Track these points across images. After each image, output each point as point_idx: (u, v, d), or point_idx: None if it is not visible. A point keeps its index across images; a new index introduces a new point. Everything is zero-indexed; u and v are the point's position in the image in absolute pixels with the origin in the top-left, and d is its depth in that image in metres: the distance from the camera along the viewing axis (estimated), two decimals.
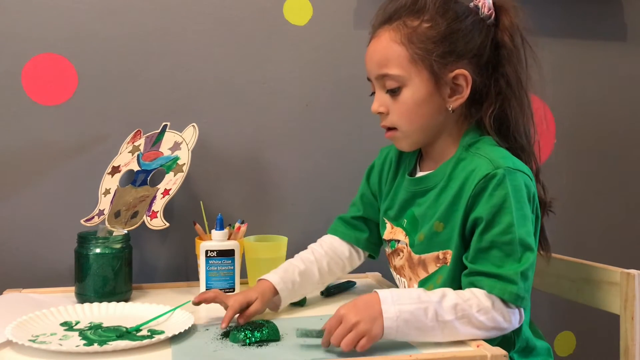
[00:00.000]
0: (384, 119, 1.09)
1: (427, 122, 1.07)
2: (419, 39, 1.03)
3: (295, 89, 1.51)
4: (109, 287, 1.19)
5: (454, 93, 1.05)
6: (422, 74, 1.04)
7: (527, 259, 0.97)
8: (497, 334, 0.98)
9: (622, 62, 1.70)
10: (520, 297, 0.96)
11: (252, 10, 1.48)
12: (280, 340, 0.98)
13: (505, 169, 0.99)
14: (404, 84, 1.04)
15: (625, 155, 1.72)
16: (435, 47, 1.03)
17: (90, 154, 1.41)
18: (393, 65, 1.04)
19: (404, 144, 1.11)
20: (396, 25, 1.05)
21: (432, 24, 1.03)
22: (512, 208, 0.97)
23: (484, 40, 1.06)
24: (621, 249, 1.71)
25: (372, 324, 0.91)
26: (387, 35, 1.06)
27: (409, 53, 1.03)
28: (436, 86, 1.04)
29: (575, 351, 1.71)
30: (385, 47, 1.05)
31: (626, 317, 1.09)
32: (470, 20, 1.05)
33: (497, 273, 0.97)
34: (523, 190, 0.99)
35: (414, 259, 1.10)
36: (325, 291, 1.26)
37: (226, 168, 1.48)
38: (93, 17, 1.40)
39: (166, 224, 1.20)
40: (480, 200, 0.99)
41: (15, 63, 1.37)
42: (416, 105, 1.05)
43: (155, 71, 1.44)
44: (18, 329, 0.97)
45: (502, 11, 1.08)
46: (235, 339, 0.96)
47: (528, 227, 0.99)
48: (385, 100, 1.07)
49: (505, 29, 1.07)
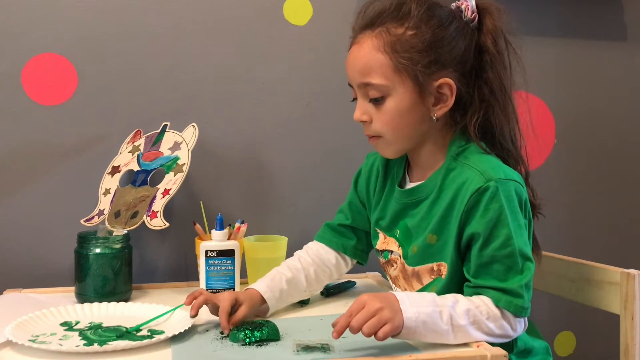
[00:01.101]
0: (367, 128, 1.07)
1: (411, 131, 1.05)
2: (403, 47, 1.00)
3: (295, 89, 1.51)
4: (109, 287, 1.19)
5: (438, 102, 1.03)
6: (406, 83, 1.01)
7: (528, 269, 0.98)
8: (504, 340, 0.98)
9: (622, 62, 1.70)
10: (525, 309, 0.97)
11: (252, 10, 1.48)
12: (280, 339, 0.98)
13: (497, 180, 0.97)
14: (387, 94, 1.02)
15: (625, 155, 1.72)
16: (420, 56, 1.00)
17: (90, 154, 1.41)
18: (376, 74, 1.02)
19: (387, 151, 1.09)
20: (379, 31, 1.02)
21: (416, 32, 1.01)
22: (508, 220, 0.96)
23: (468, 45, 1.04)
24: (621, 249, 1.71)
25: (395, 314, 0.90)
26: (369, 42, 1.03)
27: (392, 62, 1.01)
28: (420, 95, 1.02)
29: (575, 351, 1.71)
30: (368, 55, 1.02)
31: (626, 317, 1.09)
32: (454, 26, 1.03)
33: (501, 287, 0.97)
34: (515, 199, 0.99)
35: (408, 271, 1.09)
36: (325, 291, 1.26)
37: (226, 168, 1.48)
38: (93, 17, 1.40)
39: (166, 224, 1.20)
40: (474, 215, 0.98)
41: (15, 63, 1.37)
42: (400, 114, 1.03)
43: (155, 71, 1.44)
44: (18, 329, 0.97)
45: (486, 14, 1.05)
46: (235, 338, 0.96)
47: (524, 236, 0.99)
48: (368, 109, 1.05)
49: (488, 32, 1.05)
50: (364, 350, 0.92)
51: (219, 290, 1.20)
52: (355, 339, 0.92)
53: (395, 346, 0.94)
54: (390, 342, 0.94)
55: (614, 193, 1.72)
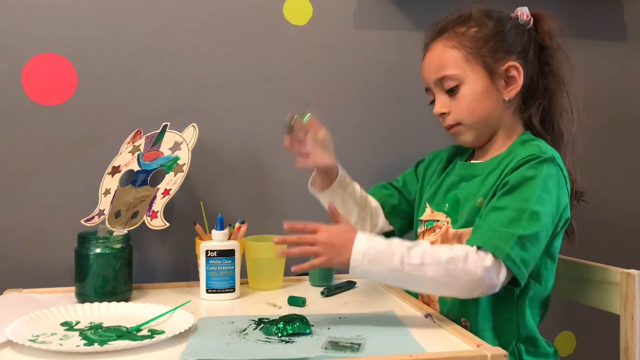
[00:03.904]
0: (446, 119, 1.17)
1: (487, 114, 1.15)
2: (469, 40, 1.14)
3: (295, 89, 1.51)
4: (109, 287, 1.19)
5: (508, 84, 1.14)
6: (477, 69, 1.13)
7: (530, 227, 1.01)
8: (475, 287, 1.00)
9: (622, 62, 1.70)
10: (509, 259, 0.99)
11: (252, 10, 1.48)
12: (310, 332, 0.98)
13: (550, 157, 1.07)
14: (461, 82, 1.14)
15: (625, 155, 1.72)
16: (485, 44, 1.13)
17: (90, 154, 1.41)
18: (449, 66, 1.14)
19: (468, 137, 1.18)
20: (447, 35, 1.16)
21: (478, 28, 1.15)
22: (538, 186, 1.03)
23: (527, 40, 1.16)
24: (621, 249, 1.71)
25: (335, 255, 1.00)
26: (440, 44, 1.17)
27: (462, 54, 1.14)
28: (491, 79, 1.14)
29: (575, 351, 1.71)
30: (441, 54, 1.16)
31: (626, 317, 1.10)
32: (511, 23, 1.16)
33: (496, 228, 1.01)
34: (554, 181, 1.06)
35: (450, 234, 1.14)
36: (325, 291, 1.26)
37: (226, 168, 1.48)
38: (93, 17, 1.40)
39: (166, 224, 1.20)
40: (516, 170, 1.07)
41: (15, 63, 1.37)
42: (475, 99, 1.14)
43: (155, 71, 1.44)
44: (18, 329, 0.97)
45: (540, 19, 1.19)
46: (268, 331, 0.98)
47: (545, 208, 1.03)
48: (446, 101, 1.16)
49: (544, 32, 1.18)
50: (366, 350, 0.91)
51: (219, 290, 1.20)
52: (384, 339, 0.96)
53: (395, 346, 0.94)
54: (393, 340, 0.93)
55: (613, 192, 1.72)
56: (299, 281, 1.38)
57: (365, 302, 1.22)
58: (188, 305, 1.10)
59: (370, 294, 1.28)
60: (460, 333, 0.98)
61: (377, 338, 0.96)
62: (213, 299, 1.21)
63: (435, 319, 1.07)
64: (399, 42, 1.55)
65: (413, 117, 1.55)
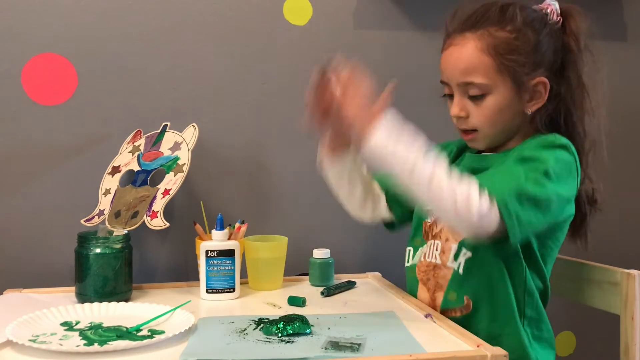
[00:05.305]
0: (463, 122, 1.12)
1: (507, 125, 1.11)
2: (505, 49, 1.07)
3: (295, 89, 1.51)
4: (109, 287, 1.19)
5: (532, 99, 1.10)
6: (506, 82, 1.08)
7: (534, 189, 0.98)
8: (462, 210, 0.94)
9: (622, 62, 1.70)
10: (504, 203, 0.95)
11: (252, 10, 1.48)
12: (310, 332, 0.98)
13: (566, 144, 1.05)
14: (488, 92, 1.08)
15: (624, 155, 1.72)
16: (521, 58, 1.07)
17: (90, 154, 1.41)
18: (479, 74, 1.08)
19: (482, 144, 1.15)
20: (481, 33, 1.08)
21: (517, 35, 1.07)
22: (550, 164, 1.01)
23: (556, 46, 1.11)
24: (621, 249, 1.71)
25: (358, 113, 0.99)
26: (472, 44, 1.08)
27: (496, 63, 1.07)
28: (518, 93, 1.08)
29: (575, 351, 1.71)
30: (472, 57, 1.08)
31: (626, 317, 1.10)
32: (547, 30, 1.10)
33: (500, 178, 1.01)
34: (567, 167, 1.04)
35: None
36: (325, 291, 1.26)
37: (226, 168, 1.48)
38: (93, 17, 1.40)
39: (166, 224, 1.20)
40: (530, 146, 1.06)
41: (15, 63, 1.37)
42: (499, 110, 1.09)
43: (155, 71, 1.44)
44: (18, 329, 0.97)
45: (569, 16, 1.13)
46: (268, 331, 0.98)
47: (553, 183, 1.00)
48: (466, 105, 1.11)
49: (572, 33, 1.12)
50: (366, 350, 0.91)
51: (219, 290, 1.20)
52: (384, 339, 0.95)
53: (395, 346, 0.94)
54: (393, 340, 0.93)
55: (613, 193, 1.71)
56: (299, 281, 1.38)
57: (365, 302, 1.22)
58: (188, 305, 1.10)
59: (370, 294, 1.28)
60: (460, 333, 0.98)
61: (377, 338, 0.96)
62: (213, 299, 1.21)
63: (435, 319, 1.07)
64: (399, 42, 1.55)
65: (413, 117, 1.54)
